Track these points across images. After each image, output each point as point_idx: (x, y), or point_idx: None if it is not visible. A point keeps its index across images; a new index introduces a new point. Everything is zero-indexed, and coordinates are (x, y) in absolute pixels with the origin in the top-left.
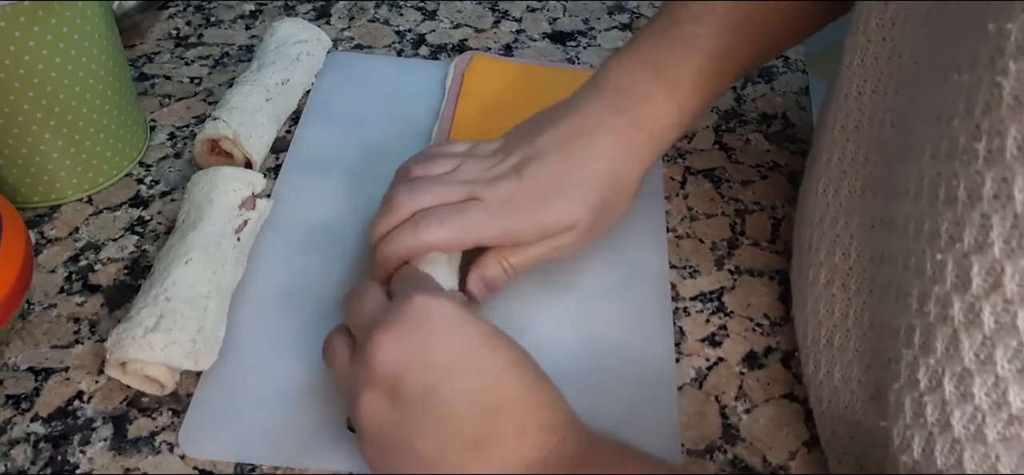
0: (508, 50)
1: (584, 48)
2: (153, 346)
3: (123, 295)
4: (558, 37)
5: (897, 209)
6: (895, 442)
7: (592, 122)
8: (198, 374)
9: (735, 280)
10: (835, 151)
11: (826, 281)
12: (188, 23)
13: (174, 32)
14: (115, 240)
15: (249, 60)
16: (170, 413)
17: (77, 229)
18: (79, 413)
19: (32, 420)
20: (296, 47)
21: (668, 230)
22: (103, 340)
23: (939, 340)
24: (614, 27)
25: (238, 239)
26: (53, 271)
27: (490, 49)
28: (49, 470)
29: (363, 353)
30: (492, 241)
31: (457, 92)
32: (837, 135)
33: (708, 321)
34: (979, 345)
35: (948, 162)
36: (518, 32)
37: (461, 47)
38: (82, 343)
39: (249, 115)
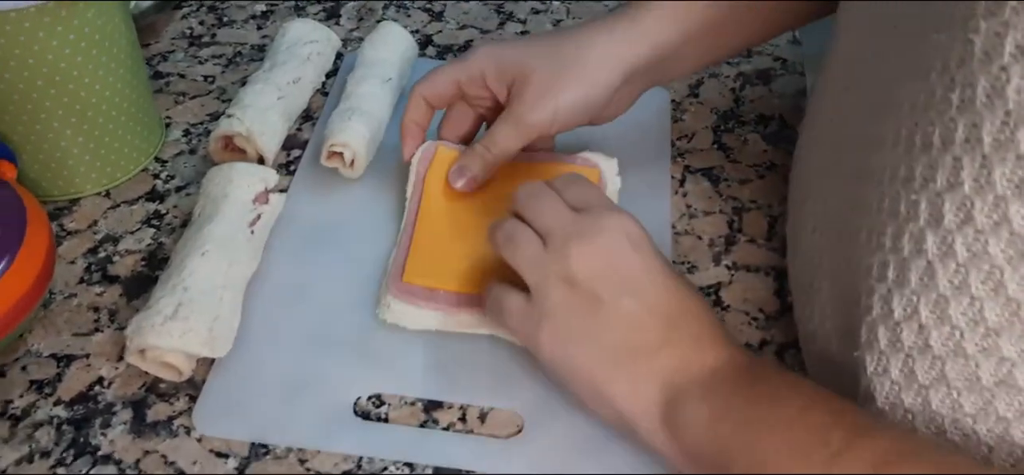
0: None
1: None
2: (171, 333)
3: (141, 286)
4: None
5: (875, 160)
6: (870, 368)
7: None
8: (212, 363)
9: (732, 275)
10: (825, 113)
11: (812, 229)
12: (201, 23)
13: (188, 32)
14: (132, 233)
15: (261, 59)
16: (187, 399)
17: (95, 222)
18: (100, 398)
19: (55, 404)
20: (307, 47)
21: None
22: (122, 328)
23: (913, 272)
24: None
25: (252, 232)
26: (73, 262)
27: None
28: (71, 451)
29: (564, 250)
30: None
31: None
32: (826, 98)
33: None
34: (953, 273)
35: (924, 113)
36: (523, 33)
37: (467, 48)
38: (102, 331)
39: (262, 113)
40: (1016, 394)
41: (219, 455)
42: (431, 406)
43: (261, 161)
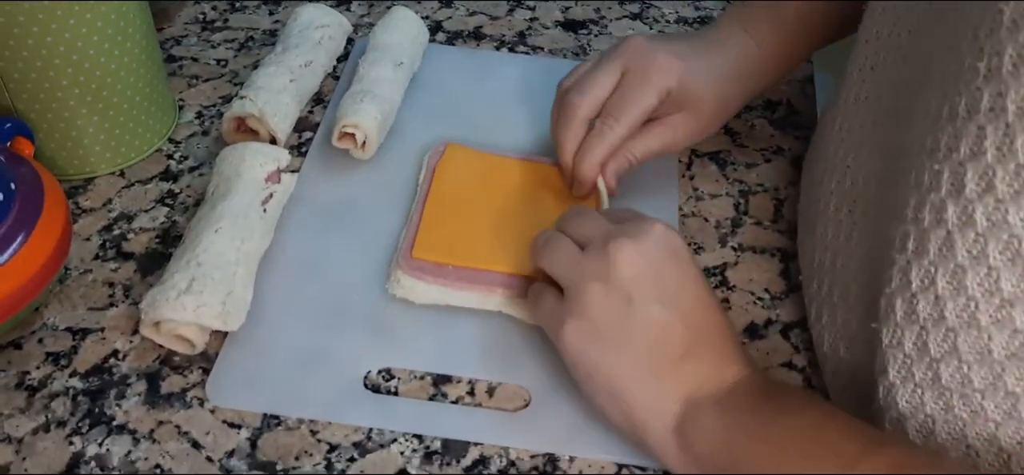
0: (522, 37)
1: (595, 36)
2: (186, 307)
3: (155, 262)
4: (570, 26)
5: (909, 134)
6: (884, 341)
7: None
8: (225, 337)
9: (738, 256)
10: (852, 91)
11: (835, 208)
12: (214, 8)
13: (201, 17)
14: (146, 211)
15: (272, 44)
16: (200, 371)
17: (110, 200)
18: (115, 370)
19: (70, 375)
20: (318, 31)
21: None
22: (136, 304)
23: (932, 243)
24: (625, 17)
25: (264, 211)
26: (88, 239)
27: (503, 37)
28: (87, 421)
29: (604, 251)
30: (654, 106)
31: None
32: (854, 77)
33: None
34: (972, 242)
35: (953, 83)
36: (531, 20)
37: (476, 34)
38: (116, 306)
39: (274, 95)
40: None
41: (232, 426)
42: (440, 380)
43: (273, 142)
